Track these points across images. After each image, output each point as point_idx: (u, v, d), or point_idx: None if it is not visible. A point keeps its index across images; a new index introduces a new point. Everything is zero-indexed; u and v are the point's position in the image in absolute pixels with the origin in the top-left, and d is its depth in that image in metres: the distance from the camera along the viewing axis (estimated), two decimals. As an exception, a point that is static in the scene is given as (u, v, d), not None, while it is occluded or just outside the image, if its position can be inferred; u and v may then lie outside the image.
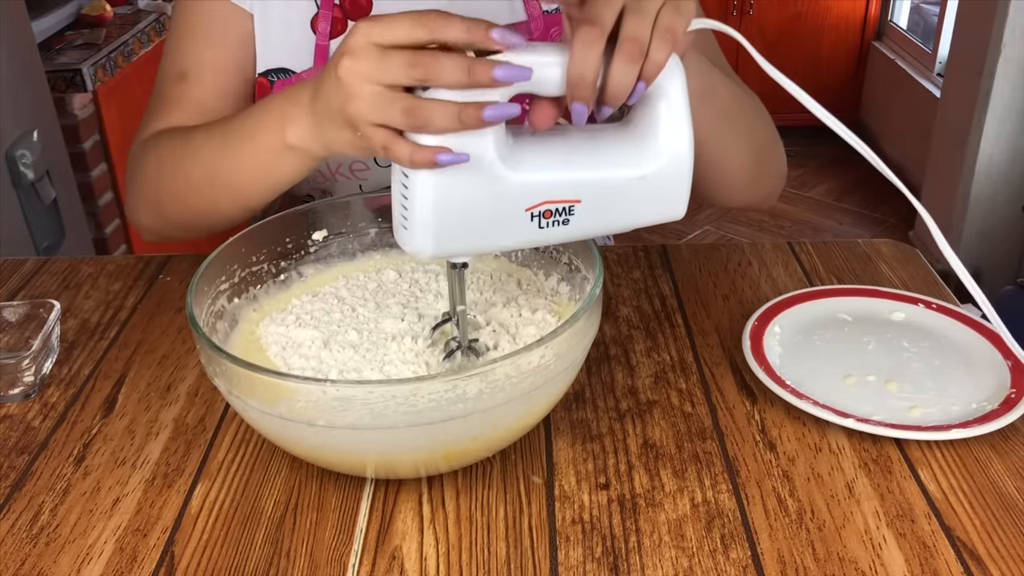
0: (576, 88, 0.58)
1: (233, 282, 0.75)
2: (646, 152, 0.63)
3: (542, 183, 0.61)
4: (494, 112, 0.57)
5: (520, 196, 0.61)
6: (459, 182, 0.59)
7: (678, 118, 0.62)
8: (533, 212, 0.62)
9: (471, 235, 0.62)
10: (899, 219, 3.25)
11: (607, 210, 0.64)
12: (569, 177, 0.62)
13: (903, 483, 0.67)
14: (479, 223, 0.62)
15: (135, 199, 0.89)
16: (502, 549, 0.62)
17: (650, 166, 0.63)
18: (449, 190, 0.60)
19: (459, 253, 0.64)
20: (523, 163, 0.61)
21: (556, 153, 0.62)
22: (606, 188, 0.63)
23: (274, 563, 0.62)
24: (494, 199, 0.61)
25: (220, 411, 0.76)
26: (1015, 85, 2.57)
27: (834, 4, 3.64)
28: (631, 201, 0.64)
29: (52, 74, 1.97)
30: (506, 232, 0.63)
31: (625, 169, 0.63)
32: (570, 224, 0.63)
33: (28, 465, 0.72)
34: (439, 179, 0.59)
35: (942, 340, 0.81)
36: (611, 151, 0.63)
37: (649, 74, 0.59)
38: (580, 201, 0.62)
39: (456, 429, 0.62)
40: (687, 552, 0.62)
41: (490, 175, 0.60)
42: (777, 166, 0.89)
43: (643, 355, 0.82)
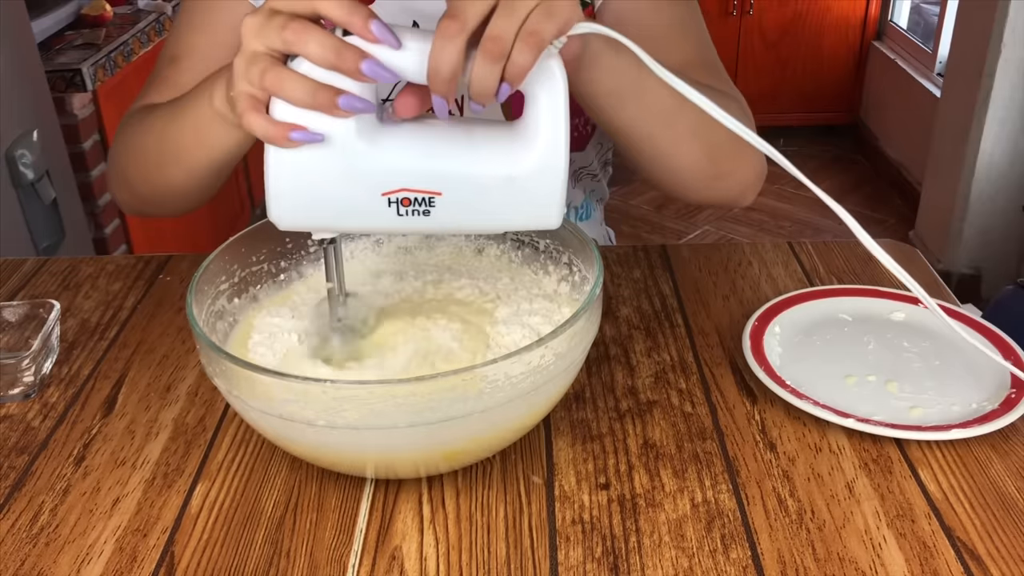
0: (433, 81, 0.57)
1: (233, 282, 0.75)
2: (518, 153, 0.61)
3: (400, 168, 0.60)
4: (349, 102, 0.57)
5: (377, 179, 0.60)
6: (315, 156, 0.59)
7: (553, 122, 0.60)
8: (391, 198, 0.61)
9: (327, 211, 0.62)
10: (899, 219, 3.25)
11: (471, 207, 0.62)
12: (429, 166, 0.61)
13: (903, 483, 0.67)
14: (335, 201, 0.61)
15: (110, 173, 0.92)
16: (502, 549, 0.62)
17: (518, 168, 0.61)
18: (304, 164, 0.60)
19: (316, 228, 0.64)
20: (384, 146, 0.60)
21: (421, 140, 0.61)
22: (470, 184, 0.61)
23: (274, 563, 0.62)
24: (350, 178, 0.60)
25: (220, 411, 0.76)
26: (1015, 85, 2.57)
27: (834, 4, 3.64)
28: (497, 202, 0.62)
29: (52, 74, 1.97)
30: (363, 214, 0.62)
31: (491, 167, 0.61)
32: (431, 216, 0.62)
33: (28, 465, 0.72)
34: (294, 152, 0.59)
35: (942, 340, 0.81)
36: (482, 147, 0.62)
37: (512, 76, 0.57)
38: (441, 194, 0.61)
39: (456, 429, 0.62)
40: (687, 552, 0.62)
41: (348, 152, 0.59)
42: (744, 165, 0.85)
43: (643, 355, 0.82)
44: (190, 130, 0.73)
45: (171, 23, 2.45)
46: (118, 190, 0.91)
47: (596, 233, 1.08)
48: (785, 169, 0.61)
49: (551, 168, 0.61)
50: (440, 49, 0.56)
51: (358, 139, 0.59)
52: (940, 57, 3.20)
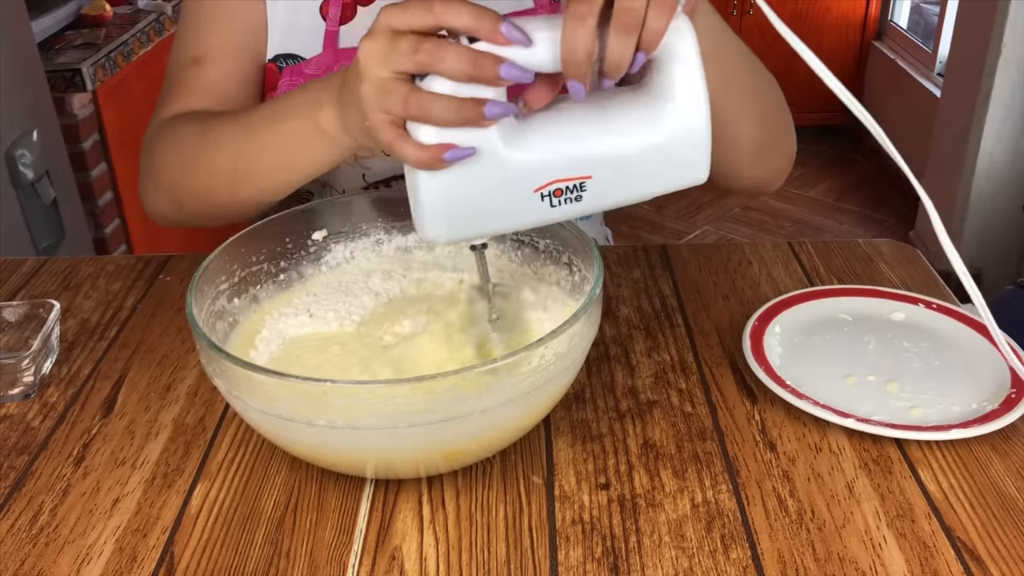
0: (569, 67, 0.56)
1: (233, 282, 0.75)
2: (658, 118, 0.60)
3: (549, 163, 0.60)
4: (493, 110, 0.57)
5: (528, 178, 0.60)
6: (464, 171, 0.59)
7: (691, 80, 0.60)
8: (543, 192, 0.60)
9: (483, 219, 0.61)
10: (899, 219, 3.25)
11: (622, 182, 0.62)
12: (577, 153, 0.60)
13: (903, 483, 0.67)
14: (489, 207, 0.61)
15: (150, 184, 0.88)
16: (502, 549, 0.62)
17: (663, 132, 0.60)
18: (455, 180, 0.59)
19: (473, 237, 0.64)
20: (528, 144, 0.59)
21: (562, 130, 0.60)
22: (618, 160, 0.61)
23: (274, 563, 0.62)
24: (502, 184, 0.60)
25: (220, 411, 0.76)
26: (1015, 85, 2.57)
27: (834, 4, 3.64)
28: (647, 170, 0.62)
29: (52, 74, 1.97)
30: (518, 214, 0.62)
31: (636, 138, 0.60)
32: (583, 200, 0.61)
33: (28, 465, 0.72)
34: (443, 171, 0.58)
35: (942, 340, 0.81)
36: (621, 120, 0.61)
37: (648, 43, 0.57)
38: (591, 177, 0.61)
39: (456, 429, 0.62)
40: (687, 552, 0.62)
41: (495, 160, 0.59)
42: (786, 141, 0.86)
43: (643, 355, 0.82)
44: (278, 149, 0.72)
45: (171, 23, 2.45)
46: (159, 201, 0.88)
47: (595, 233, 1.09)
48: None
49: (696, 124, 0.61)
50: (573, 32, 0.55)
51: (503, 144, 0.59)
52: (940, 57, 3.20)
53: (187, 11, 0.92)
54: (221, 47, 0.90)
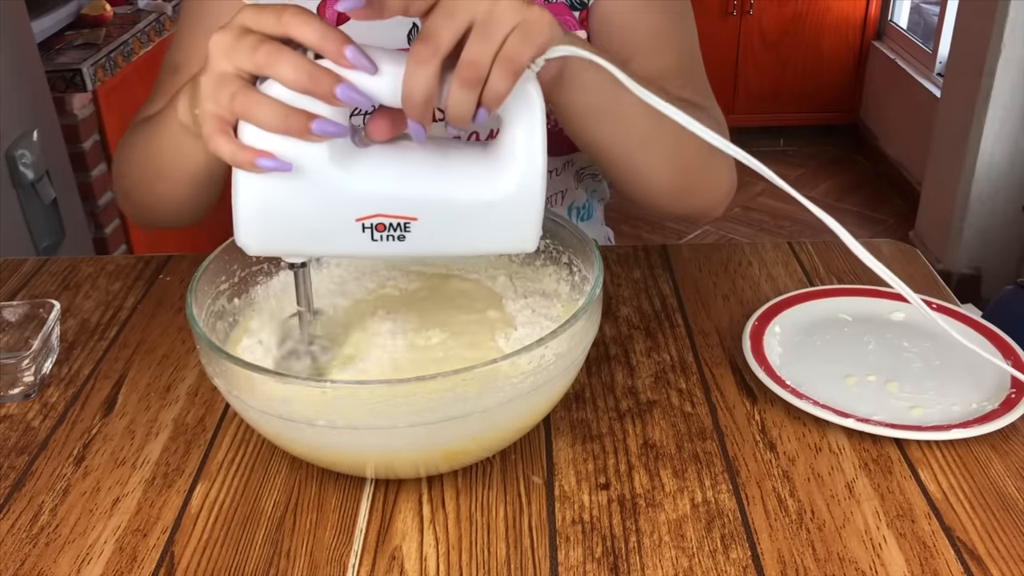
0: (407, 106, 0.55)
1: (233, 282, 0.75)
2: (493, 178, 0.60)
3: (375, 194, 0.59)
4: (323, 127, 0.55)
5: (351, 205, 0.59)
6: (285, 182, 0.57)
7: (530, 148, 0.59)
8: (365, 223, 0.59)
9: (299, 237, 0.60)
10: (899, 219, 3.25)
11: (448, 232, 0.61)
12: (405, 192, 0.59)
13: (903, 483, 0.67)
14: (308, 226, 0.59)
15: (115, 185, 0.92)
16: (502, 549, 0.62)
17: (497, 193, 0.60)
18: (275, 190, 0.57)
19: (286, 253, 0.62)
20: (358, 171, 0.58)
21: (397, 165, 0.59)
22: (446, 209, 0.60)
23: (274, 563, 0.62)
24: (323, 204, 0.58)
25: (220, 411, 0.76)
26: (1015, 85, 2.57)
27: (834, 4, 3.64)
28: (474, 227, 0.61)
29: (52, 74, 1.97)
30: (336, 240, 0.60)
31: (468, 192, 0.60)
32: (406, 241, 0.60)
33: (28, 465, 0.72)
34: (264, 177, 0.57)
35: (942, 340, 0.81)
36: (459, 171, 0.60)
37: (489, 101, 0.56)
38: (417, 219, 0.59)
39: (456, 429, 0.62)
40: (687, 552, 0.62)
41: (320, 179, 0.57)
42: (713, 181, 0.84)
43: (643, 355, 0.82)
44: (166, 145, 0.72)
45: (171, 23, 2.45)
46: (122, 202, 0.92)
47: (596, 233, 1.08)
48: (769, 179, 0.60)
49: (528, 194, 0.60)
50: (413, 74, 0.54)
51: (331, 164, 0.57)
52: (940, 57, 3.20)
53: (180, 17, 0.94)
54: (198, 57, 0.90)
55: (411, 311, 0.74)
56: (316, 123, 0.55)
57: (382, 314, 0.74)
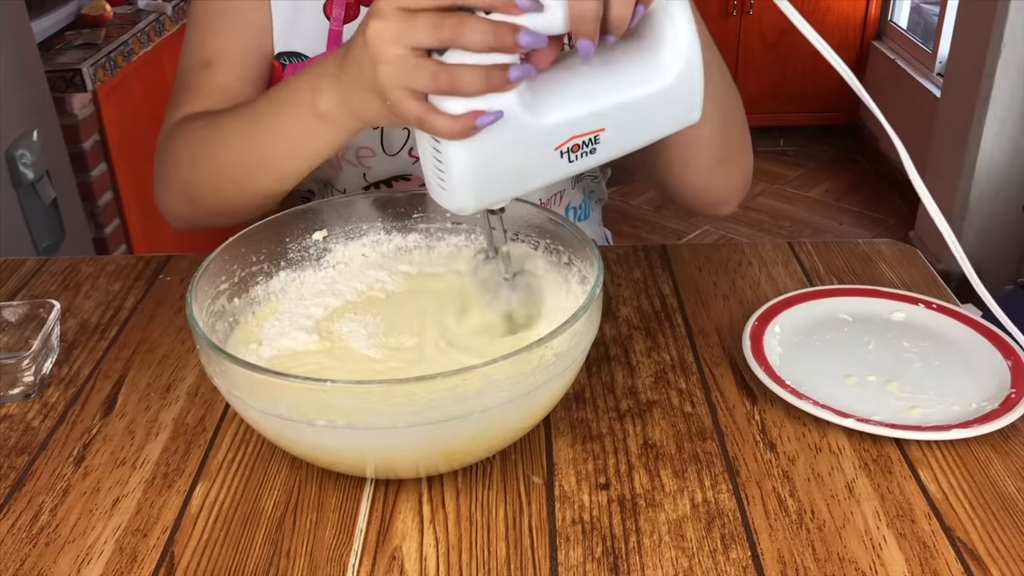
0: (579, 26, 0.58)
1: (233, 282, 0.75)
2: (659, 67, 0.63)
3: (567, 122, 0.62)
4: (517, 73, 0.58)
5: (548, 138, 0.62)
6: (490, 139, 0.60)
7: (683, 27, 0.63)
8: (562, 149, 0.63)
9: (507, 183, 0.63)
10: (899, 219, 3.25)
11: (632, 130, 0.65)
12: (592, 109, 0.63)
13: (903, 483, 0.67)
14: (514, 170, 0.63)
15: (165, 187, 0.89)
16: (502, 549, 0.62)
17: (666, 77, 0.63)
18: (482, 149, 0.61)
19: (498, 201, 0.66)
20: (545, 107, 0.61)
21: (574, 89, 0.63)
22: (628, 110, 0.64)
23: (274, 563, 0.62)
24: (525, 147, 0.62)
25: (220, 411, 0.76)
26: (1015, 85, 2.57)
27: (834, 4, 3.64)
28: (652, 116, 0.65)
29: (52, 74, 1.97)
30: (539, 173, 0.64)
31: (643, 87, 0.63)
32: (597, 152, 0.64)
33: (28, 465, 0.72)
34: (469, 143, 0.60)
35: (942, 340, 0.81)
36: (626, 73, 0.63)
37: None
38: (605, 129, 0.63)
39: (456, 429, 0.62)
40: (687, 552, 0.62)
41: (517, 125, 0.61)
42: (743, 156, 0.87)
43: (643, 355, 0.82)
44: (282, 137, 0.73)
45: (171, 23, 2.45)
46: (175, 203, 0.89)
47: (594, 234, 1.08)
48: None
49: (692, 65, 0.64)
50: None
51: (521, 108, 0.60)
52: (940, 57, 3.20)
53: (195, 14, 0.92)
54: (230, 50, 0.90)
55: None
56: (512, 71, 0.58)
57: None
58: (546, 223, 0.77)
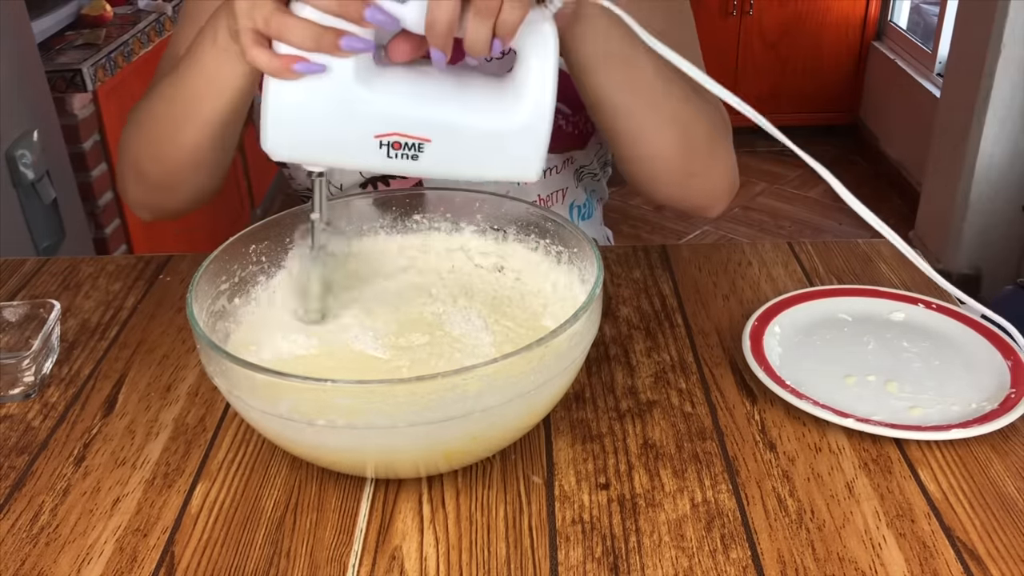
0: (430, 32, 0.60)
1: (233, 282, 0.75)
2: (505, 106, 0.64)
3: (394, 113, 0.63)
4: (351, 43, 0.60)
5: (370, 120, 0.63)
6: (312, 92, 0.62)
7: (541, 84, 0.63)
8: (382, 140, 0.64)
9: (319, 146, 0.65)
10: (899, 219, 3.25)
11: (459, 156, 0.65)
12: (421, 112, 0.64)
13: (903, 483, 0.67)
14: (329, 137, 0.64)
15: (120, 171, 0.91)
16: (502, 549, 0.62)
17: (505, 124, 0.64)
18: (302, 98, 0.62)
19: (307, 161, 0.67)
20: (380, 90, 0.63)
21: (418, 88, 0.64)
22: (458, 133, 0.64)
23: (274, 563, 0.62)
24: (345, 116, 0.63)
25: (220, 411, 0.76)
26: (1015, 85, 2.57)
27: (834, 4, 3.64)
28: (482, 153, 0.65)
29: (52, 74, 1.96)
30: (354, 152, 0.65)
31: (482, 120, 0.64)
32: (419, 160, 0.65)
33: (28, 465, 0.72)
34: (293, 86, 0.62)
35: (942, 340, 0.81)
36: (472, 97, 0.65)
37: (502, 32, 0.60)
38: (430, 140, 0.64)
39: (456, 428, 0.62)
40: (687, 552, 0.62)
41: (345, 92, 0.62)
42: (717, 170, 0.86)
43: (643, 355, 0.82)
44: (199, 79, 0.74)
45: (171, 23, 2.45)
46: (130, 185, 0.89)
47: (595, 233, 1.09)
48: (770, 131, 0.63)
49: (535, 127, 0.64)
50: (438, 3, 0.59)
51: (355, 81, 0.62)
52: (940, 57, 3.20)
53: (180, 14, 0.93)
54: None
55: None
56: (344, 40, 0.60)
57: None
58: (546, 223, 0.77)
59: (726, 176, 0.87)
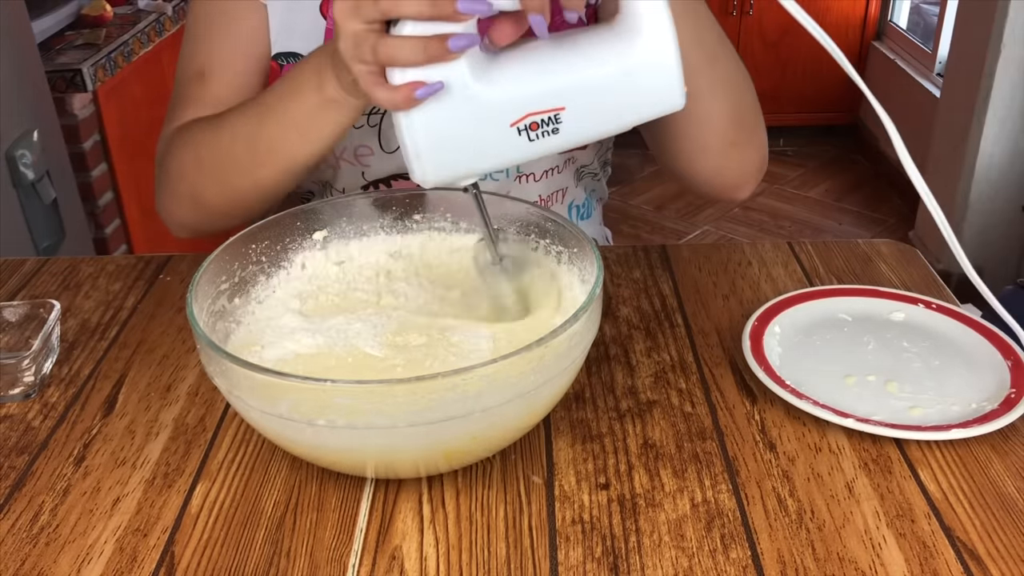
0: (525, 2, 0.59)
1: (233, 282, 0.75)
2: (626, 46, 0.62)
3: (521, 96, 0.62)
4: (458, 42, 0.59)
5: (502, 112, 0.62)
6: (440, 110, 0.61)
7: (656, 10, 0.62)
8: (519, 126, 0.62)
9: (465, 158, 0.64)
10: (899, 219, 3.25)
11: (597, 112, 0.63)
12: (547, 85, 0.62)
13: (903, 483, 0.67)
14: (470, 145, 0.63)
15: (169, 194, 0.89)
16: (502, 549, 0.62)
17: (632, 59, 0.62)
18: (432, 119, 0.61)
19: (460, 177, 0.66)
20: (499, 79, 0.62)
21: (532, 64, 0.63)
22: (590, 89, 0.63)
23: (274, 563, 0.62)
24: (478, 119, 0.62)
25: (220, 411, 0.76)
26: (1015, 85, 2.57)
27: (834, 4, 3.64)
28: (620, 99, 0.63)
29: (52, 74, 1.97)
30: (498, 150, 0.63)
31: (606, 67, 0.62)
32: (560, 132, 0.63)
33: (28, 465, 0.72)
34: (421, 111, 0.61)
35: (942, 340, 0.81)
36: (589, 51, 0.63)
37: None
38: (565, 108, 0.62)
39: (456, 428, 0.62)
40: (687, 552, 0.62)
41: (468, 97, 0.61)
42: (756, 140, 0.87)
43: (643, 355, 0.82)
44: (292, 127, 0.75)
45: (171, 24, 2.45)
46: (180, 210, 0.89)
47: (595, 233, 1.09)
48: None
49: (664, 49, 0.62)
50: None
51: (473, 79, 0.61)
52: (940, 57, 3.20)
53: (191, 20, 0.92)
54: (224, 58, 0.90)
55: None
56: (452, 41, 0.59)
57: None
58: (546, 223, 0.77)
59: (761, 150, 0.88)
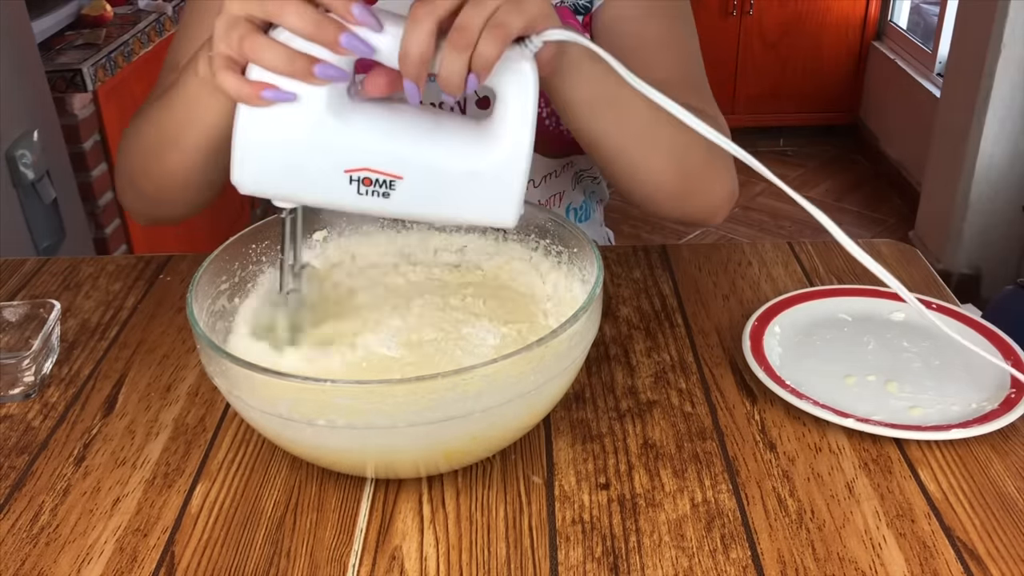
0: (403, 63, 0.58)
1: (233, 282, 0.75)
2: (482, 149, 0.62)
3: (365, 147, 0.61)
4: (326, 71, 0.58)
5: (341, 154, 0.61)
6: (283, 122, 0.60)
7: (520, 124, 0.61)
8: (353, 176, 0.61)
9: (289, 180, 0.62)
10: (899, 219, 3.25)
11: (431, 196, 0.62)
12: (394, 149, 0.61)
13: (903, 483, 0.67)
14: (298, 172, 0.62)
15: (117, 178, 0.90)
16: (502, 549, 0.62)
17: (481, 164, 0.62)
18: (271, 128, 0.60)
19: (276, 196, 0.64)
20: (352, 122, 0.61)
21: (390, 123, 0.62)
22: (431, 173, 0.62)
23: (274, 563, 0.62)
24: (315, 149, 0.61)
25: (220, 411, 0.76)
26: (1015, 85, 2.57)
27: (834, 4, 3.64)
28: (457, 194, 0.63)
29: (52, 74, 1.96)
30: (324, 188, 0.62)
31: (455, 159, 0.62)
32: (390, 199, 0.62)
33: (28, 465, 0.72)
34: (263, 114, 0.60)
35: (942, 340, 0.81)
36: (448, 138, 0.62)
37: (478, 67, 0.58)
38: (403, 178, 0.61)
39: (456, 428, 0.62)
40: (687, 552, 0.62)
41: (314, 124, 0.60)
42: (715, 187, 0.85)
43: (643, 355, 0.82)
44: (182, 107, 0.73)
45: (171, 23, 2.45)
46: (126, 195, 0.90)
47: (596, 234, 1.09)
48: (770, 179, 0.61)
49: (513, 168, 0.62)
50: (411, 32, 0.57)
51: (327, 112, 0.60)
52: (940, 57, 3.20)
53: (181, 19, 0.93)
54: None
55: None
56: (319, 67, 0.58)
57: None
58: (546, 223, 0.77)
59: (725, 188, 0.86)
